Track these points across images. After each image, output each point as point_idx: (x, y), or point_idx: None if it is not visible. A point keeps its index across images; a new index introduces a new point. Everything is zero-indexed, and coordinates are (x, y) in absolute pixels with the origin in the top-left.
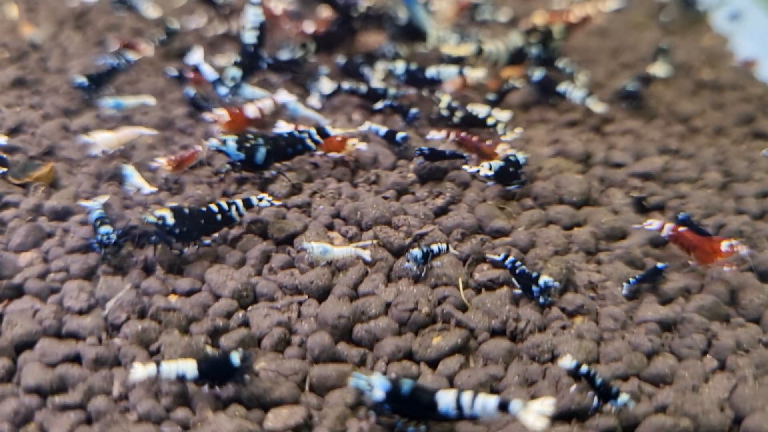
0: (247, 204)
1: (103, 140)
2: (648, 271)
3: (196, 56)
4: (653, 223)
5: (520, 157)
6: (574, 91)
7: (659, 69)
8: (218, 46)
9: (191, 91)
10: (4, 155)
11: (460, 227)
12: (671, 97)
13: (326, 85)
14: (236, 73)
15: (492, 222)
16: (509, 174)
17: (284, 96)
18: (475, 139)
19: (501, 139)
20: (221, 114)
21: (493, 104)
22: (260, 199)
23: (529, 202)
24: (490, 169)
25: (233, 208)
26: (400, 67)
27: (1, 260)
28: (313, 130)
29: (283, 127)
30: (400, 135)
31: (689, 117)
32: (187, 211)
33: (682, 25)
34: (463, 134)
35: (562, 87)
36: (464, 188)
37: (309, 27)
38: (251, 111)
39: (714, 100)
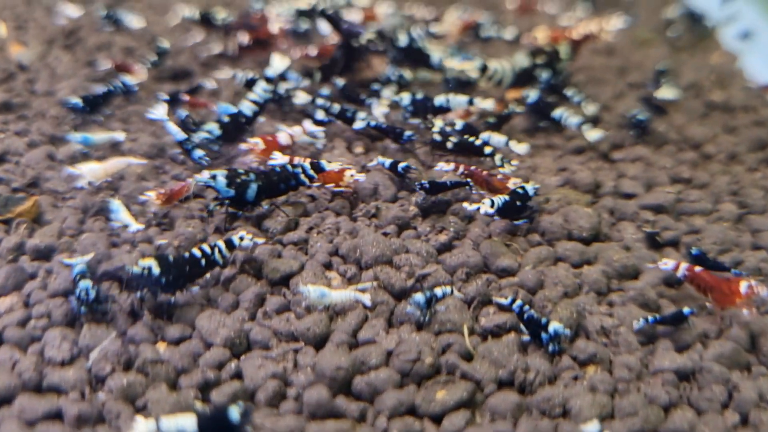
0: (230, 245)
1: (89, 171)
2: (671, 315)
3: (159, 111)
4: (668, 263)
5: (529, 187)
6: (569, 117)
7: (667, 92)
8: (213, 65)
9: (183, 113)
10: None
11: (465, 266)
12: (681, 120)
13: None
14: (214, 128)
15: (498, 260)
16: (516, 208)
17: (310, 126)
18: (484, 173)
19: (499, 170)
20: (255, 142)
21: (493, 128)
22: (241, 239)
23: (537, 237)
24: (492, 206)
25: (216, 251)
26: (405, 98)
27: None
28: (307, 164)
29: (278, 159)
30: (401, 165)
31: (701, 142)
32: (172, 259)
33: (690, 42)
34: (472, 167)
35: (558, 112)
36: (468, 222)
37: (313, 50)
38: (283, 138)
39: (726, 123)
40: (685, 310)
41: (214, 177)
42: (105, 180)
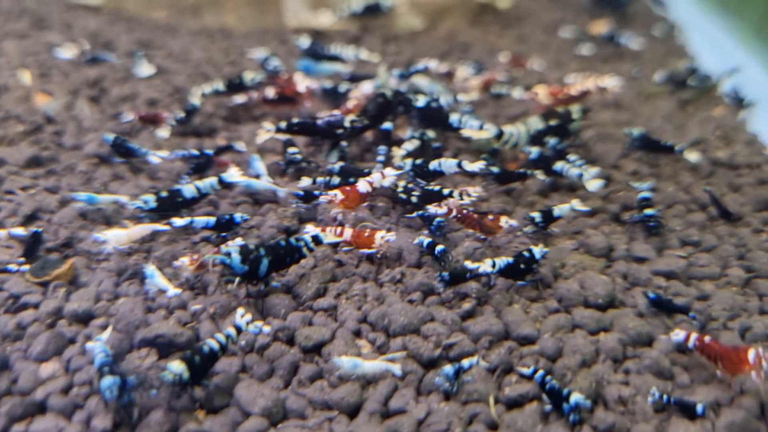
0: (238, 330)
1: (114, 237)
2: (685, 403)
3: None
4: (679, 333)
5: (537, 251)
6: (570, 169)
7: (691, 155)
8: (236, 119)
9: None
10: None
11: (488, 334)
12: (689, 179)
13: None
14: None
15: (519, 328)
16: (520, 271)
17: (389, 171)
18: (476, 216)
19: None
20: (334, 194)
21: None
22: (248, 323)
23: (555, 304)
24: (494, 266)
25: (229, 340)
26: (407, 163)
27: (21, 372)
28: (308, 238)
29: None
30: (438, 249)
31: (708, 204)
32: (197, 359)
33: (695, 95)
34: (464, 211)
35: (559, 165)
36: (489, 288)
37: (348, 104)
38: (363, 187)
39: (731, 181)
40: (699, 407)
41: (228, 254)
42: (129, 246)
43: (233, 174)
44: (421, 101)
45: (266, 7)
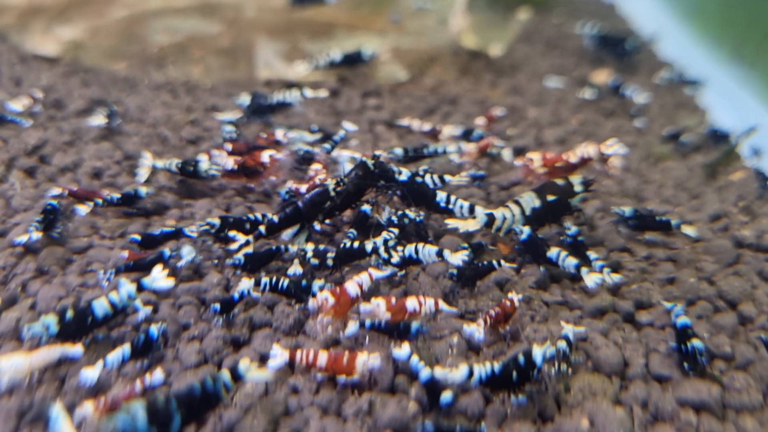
0: None
1: (10, 367)
2: None
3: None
4: None
5: (537, 353)
6: (567, 258)
7: (688, 230)
8: (192, 194)
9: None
10: None
11: None
12: (711, 266)
13: None
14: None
15: None
16: (514, 382)
17: (377, 272)
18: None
19: None
20: (324, 297)
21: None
22: None
23: None
24: (470, 376)
25: None
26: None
27: None
28: (226, 375)
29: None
30: (444, 398)
31: (737, 300)
32: None
33: (720, 159)
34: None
35: (553, 252)
36: (478, 420)
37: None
38: (353, 289)
39: (762, 269)
40: None
41: (132, 414)
42: (30, 377)
43: (157, 278)
44: (404, 175)
45: (236, 57)
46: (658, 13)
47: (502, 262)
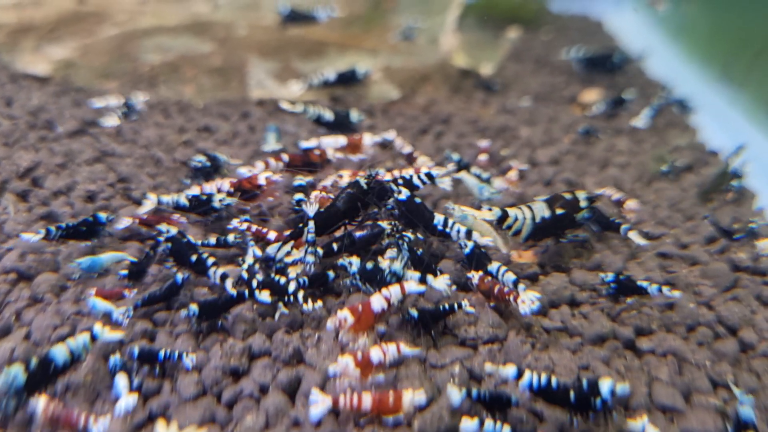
0: None
1: None
2: None
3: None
4: None
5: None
6: (506, 273)
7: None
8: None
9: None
10: None
11: None
12: (709, 291)
13: None
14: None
15: None
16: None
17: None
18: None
19: None
20: (344, 316)
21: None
22: None
23: None
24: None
25: None
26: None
27: None
28: None
29: None
30: None
31: (737, 326)
32: None
33: (716, 182)
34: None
35: (494, 266)
36: None
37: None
38: (378, 304)
39: (759, 293)
40: None
41: None
42: None
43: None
44: (404, 194)
45: (228, 76)
46: (646, 31)
47: (464, 303)
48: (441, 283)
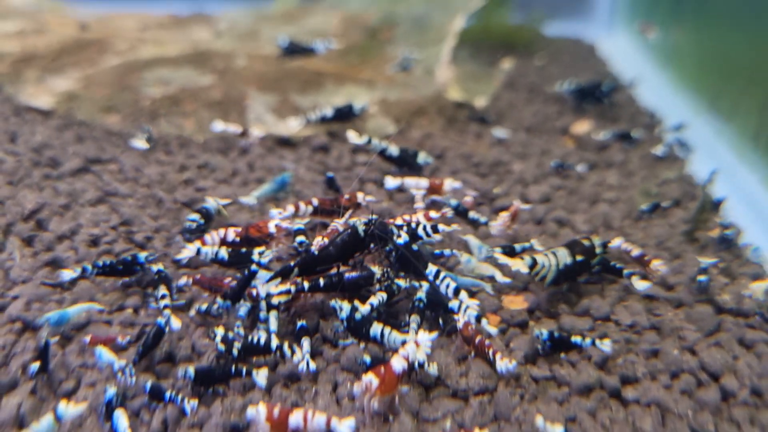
0: None
1: None
2: None
3: None
4: None
5: None
6: (471, 309)
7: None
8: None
9: None
10: None
11: None
12: (693, 335)
13: None
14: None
15: None
16: None
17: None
18: None
19: None
20: (368, 380)
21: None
22: None
23: None
24: None
25: None
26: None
27: None
28: None
29: None
30: None
31: (719, 372)
32: None
33: (696, 216)
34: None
35: (454, 304)
36: None
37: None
38: (399, 365)
39: (742, 336)
40: None
41: None
42: None
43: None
44: (402, 239)
45: (227, 110)
46: (637, 57)
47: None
48: (426, 339)
